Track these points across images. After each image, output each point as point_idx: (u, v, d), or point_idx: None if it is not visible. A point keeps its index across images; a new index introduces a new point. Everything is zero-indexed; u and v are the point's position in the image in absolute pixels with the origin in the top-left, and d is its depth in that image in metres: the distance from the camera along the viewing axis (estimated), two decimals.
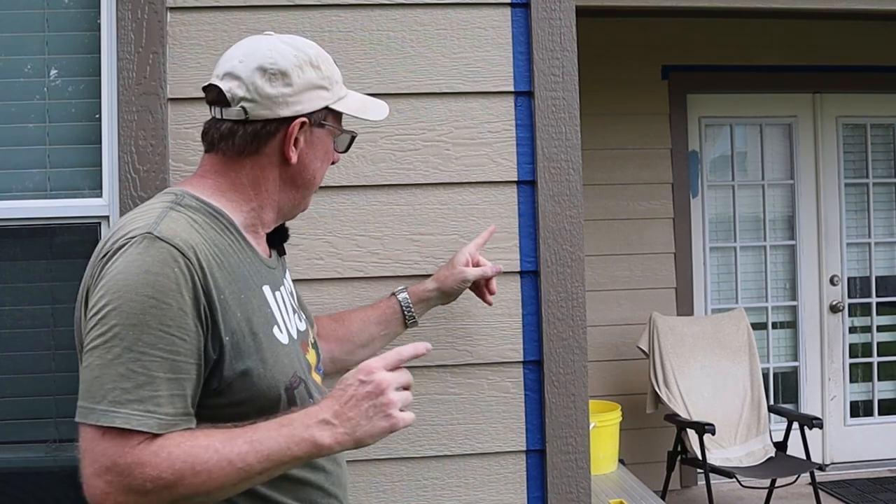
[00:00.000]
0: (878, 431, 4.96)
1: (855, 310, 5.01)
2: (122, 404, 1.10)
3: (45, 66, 1.86)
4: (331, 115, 1.38)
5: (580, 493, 1.87)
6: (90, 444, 1.10)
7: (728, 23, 4.61)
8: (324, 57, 1.37)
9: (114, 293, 1.14)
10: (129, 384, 1.10)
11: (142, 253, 1.16)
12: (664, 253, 4.69)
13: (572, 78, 1.90)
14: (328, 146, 1.40)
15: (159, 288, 1.14)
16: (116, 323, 1.12)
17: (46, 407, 1.89)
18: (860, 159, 5.04)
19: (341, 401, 1.17)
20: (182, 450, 1.11)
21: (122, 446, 1.09)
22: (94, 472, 1.10)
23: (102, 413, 1.10)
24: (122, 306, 1.13)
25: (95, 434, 1.10)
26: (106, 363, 1.11)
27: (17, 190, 1.85)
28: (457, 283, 1.73)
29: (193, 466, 1.10)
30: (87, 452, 1.11)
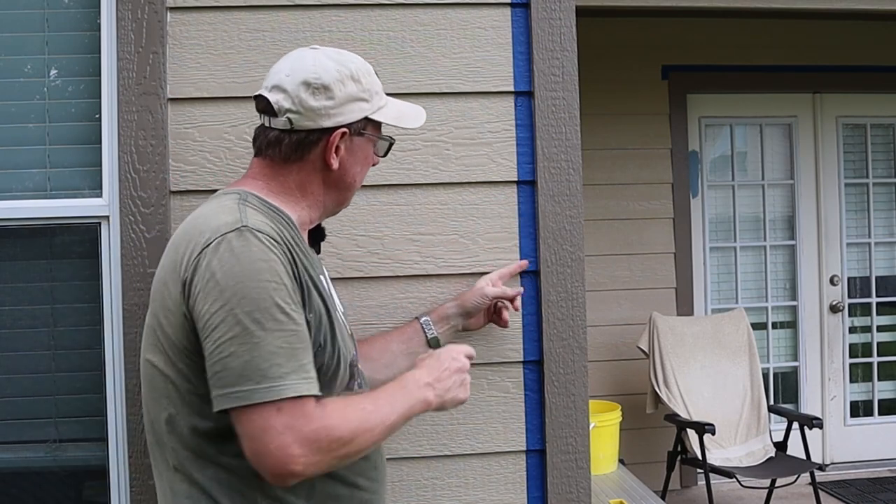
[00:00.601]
0: (878, 431, 4.96)
1: (855, 310, 5.01)
2: (283, 378, 1.21)
3: (45, 66, 1.86)
4: (370, 123, 1.48)
5: (580, 493, 1.87)
6: (267, 421, 1.20)
7: (728, 23, 4.61)
8: (365, 70, 1.46)
9: (234, 284, 1.23)
10: (282, 359, 1.21)
11: (245, 244, 1.26)
12: (664, 253, 4.69)
13: (572, 78, 1.90)
14: (367, 152, 1.51)
15: (272, 272, 1.25)
16: (248, 310, 1.22)
17: (46, 407, 1.89)
18: (860, 159, 5.04)
19: (439, 370, 1.40)
20: (350, 411, 1.27)
21: (302, 414, 1.21)
22: (282, 444, 1.19)
23: (267, 390, 1.20)
24: (248, 294, 1.23)
25: (269, 411, 1.20)
26: (252, 347, 1.21)
27: (17, 190, 1.85)
28: (476, 298, 1.79)
29: (362, 426, 1.26)
30: (266, 429, 1.20)
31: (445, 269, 1.87)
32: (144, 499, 1.76)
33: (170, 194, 1.80)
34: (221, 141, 1.82)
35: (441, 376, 1.39)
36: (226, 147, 1.82)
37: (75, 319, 1.88)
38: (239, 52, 1.83)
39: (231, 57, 1.83)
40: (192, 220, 1.36)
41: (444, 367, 1.40)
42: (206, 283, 1.25)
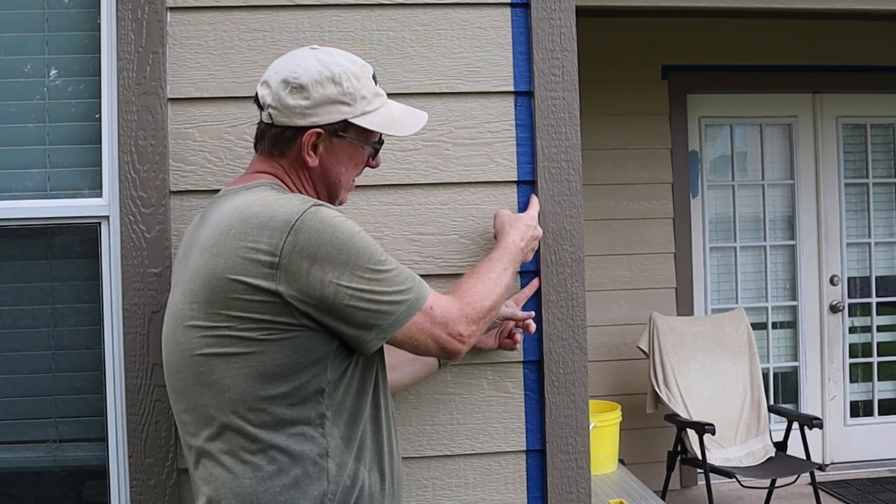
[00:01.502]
0: (878, 431, 4.97)
1: (855, 310, 5.01)
2: (414, 287, 1.43)
3: (45, 66, 1.86)
4: (353, 127, 1.50)
5: (580, 493, 1.87)
6: (430, 319, 1.44)
7: (728, 23, 4.61)
8: (352, 73, 1.48)
9: (344, 248, 1.36)
10: (404, 275, 1.43)
11: (329, 215, 1.38)
12: (664, 253, 4.69)
13: (572, 78, 1.90)
14: (353, 154, 1.53)
15: (355, 226, 1.40)
16: (366, 259, 1.38)
17: (46, 407, 1.89)
18: (860, 159, 5.04)
19: (527, 235, 1.73)
20: (481, 284, 1.54)
21: (444, 303, 1.47)
22: (450, 332, 1.46)
23: (416, 300, 1.43)
24: (361, 249, 1.38)
25: (424, 315, 1.43)
26: (388, 282, 1.40)
27: (17, 190, 1.85)
28: None
29: (494, 290, 1.55)
30: (433, 328, 1.44)
31: (445, 269, 1.87)
32: (144, 499, 1.76)
33: (170, 194, 1.80)
34: (221, 141, 1.82)
35: (529, 241, 1.73)
36: (226, 147, 1.82)
37: (75, 319, 1.88)
38: (239, 52, 1.83)
39: (231, 57, 1.83)
40: (250, 211, 1.37)
41: (532, 235, 1.74)
42: (316, 259, 1.34)
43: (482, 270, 1.58)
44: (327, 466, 1.37)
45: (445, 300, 1.48)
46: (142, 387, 1.77)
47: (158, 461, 1.77)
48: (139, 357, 1.77)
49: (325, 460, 1.37)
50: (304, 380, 1.37)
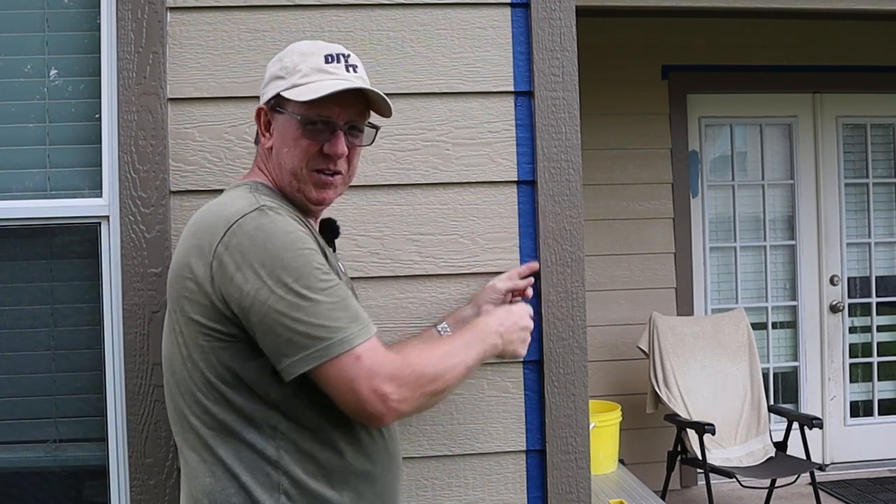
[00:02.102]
0: (878, 431, 4.97)
1: (855, 310, 5.01)
2: (349, 328, 1.28)
3: (45, 66, 1.86)
4: (288, 102, 1.44)
5: (580, 493, 1.87)
6: (351, 369, 1.28)
7: (728, 23, 4.61)
8: (297, 50, 1.48)
9: (272, 258, 1.28)
10: (340, 312, 1.29)
11: (271, 221, 1.31)
12: (664, 253, 4.69)
13: (572, 78, 1.90)
14: (289, 129, 1.46)
15: (304, 239, 1.32)
16: (294, 277, 1.28)
17: (46, 407, 1.89)
18: (860, 159, 5.04)
19: (509, 321, 1.53)
20: (431, 352, 1.38)
21: (379, 355, 1.29)
22: (372, 387, 1.28)
23: (340, 342, 1.27)
24: (289, 264, 1.28)
25: (349, 360, 1.27)
26: (312, 310, 1.27)
27: (17, 190, 1.85)
28: (489, 294, 1.81)
29: (444, 363, 1.36)
30: (353, 378, 1.28)
31: (445, 269, 1.87)
32: (144, 499, 1.76)
33: (170, 194, 1.80)
34: (221, 141, 1.82)
35: (510, 328, 1.53)
36: (226, 147, 1.82)
37: (75, 319, 1.88)
38: (239, 52, 1.83)
39: (231, 57, 1.83)
40: (208, 209, 1.39)
41: (514, 322, 1.54)
42: (242, 264, 1.29)
43: (439, 340, 1.49)
44: (279, 480, 1.33)
45: (383, 354, 1.31)
46: (142, 387, 1.77)
47: (158, 461, 1.77)
48: (139, 357, 1.77)
49: (278, 473, 1.33)
50: (249, 390, 1.33)
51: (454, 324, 1.79)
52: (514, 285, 1.82)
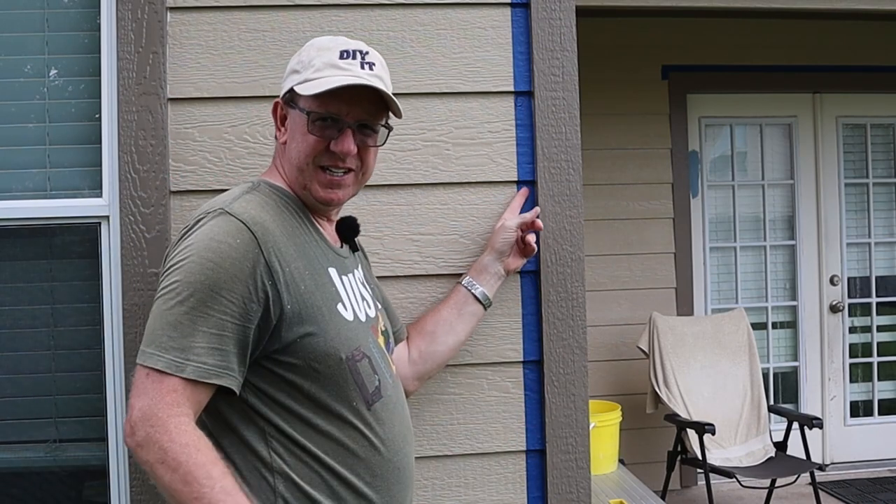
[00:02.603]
0: (878, 431, 4.96)
1: (855, 310, 5.01)
2: (165, 350, 1.25)
3: (45, 66, 1.86)
4: (300, 97, 1.43)
5: (580, 493, 1.87)
6: (138, 380, 1.26)
7: (728, 23, 4.61)
8: (315, 45, 1.47)
9: (182, 255, 1.30)
10: (176, 333, 1.25)
11: (213, 225, 1.32)
12: (664, 253, 4.69)
13: (572, 78, 1.90)
14: (299, 124, 1.44)
15: (220, 254, 1.28)
16: (177, 280, 1.28)
17: (46, 407, 1.89)
18: (860, 159, 5.04)
19: None
20: (189, 449, 1.21)
21: (162, 390, 1.23)
22: (133, 405, 1.24)
23: (149, 355, 1.26)
24: (185, 266, 1.28)
25: (141, 373, 1.26)
26: (161, 313, 1.28)
27: (17, 190, 1.85)
28: (501, 235, 1.81)
29: (180, 465, 1.20)
30: (134, 387, 1.26)
31: (445, 269, 1.87)
32: (144, 499, 1.76)
33: (170, 194, 1.80)
34: (221, 141, 1.82)
35: None
36: (226, 147, 1.82)
37: (75, 319, 1.88)
38: (239, 52, 1.83)
39: (231, 57, 1.83)
40: (203, 205, 1.43)
41: None
42: (173, 251, 1.34)
43: (215, 461, 1.25)
44: (273, 482, 1.33)
45: (156, 398, 1.23)
46: None
47: None
48: None
49: (272, 475, 1.33)
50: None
51: (477, 274, 1.80)
52: (522, 220, 1.81)
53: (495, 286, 1.80)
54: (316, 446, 1.35)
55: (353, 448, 1.38)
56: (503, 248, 1.80)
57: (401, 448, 1.46)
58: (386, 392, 1.45)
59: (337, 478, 1.36)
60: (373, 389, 1.42)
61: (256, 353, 1.32)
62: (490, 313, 1.85)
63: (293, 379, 1.34)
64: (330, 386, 1.36)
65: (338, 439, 1.36)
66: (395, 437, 1.44)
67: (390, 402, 1.46)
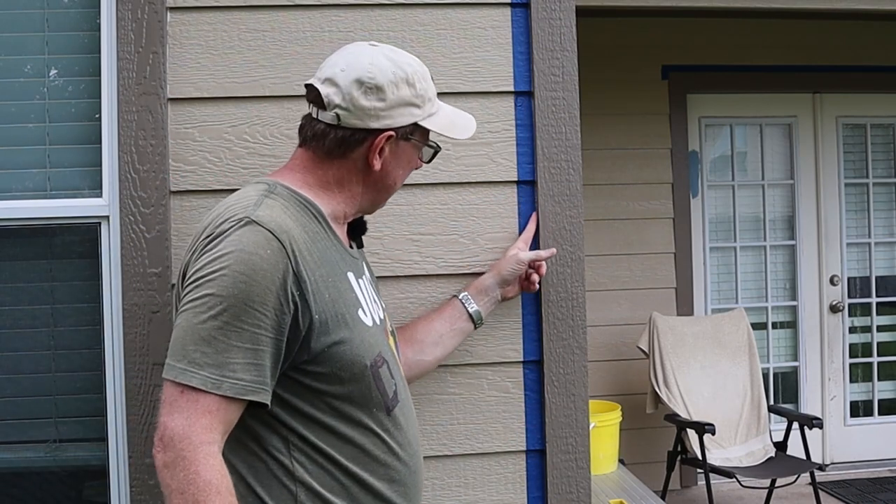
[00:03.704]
0: (878, 431, 4.97)
1: (855, 310, 5.01)
2: (200, 367, 1.22)
3: (45, 66, 1.86)
4: (418, 129, 1.47)
5: (580, 493, 1.87)
6: (171, 396, 1.23)
7: (728, 23, 4.61)
8: (421, 74, 1.46)
9: (211, 267, 1.26)
10: (210, 349, 1.22)
11: (241, 235, 1.27)
12: (664, 253, 4.69)
13: (572, 78, 1.90)
14: (412, 157, 1.50)
15: (251, 266, 1.25)
16: (208, 293, 1.24)
17: (46, 407, 1.89)
18: (860, 159, 5.04)
19: None
20: (210, 489, 1.18)
21: (198, 409, 1.21)
22: (167, 423, 1.21)
23: (181, 371, 1.22)
24: (216, 279, 1.24)
25: (175, 390, 1.22)
26: (191, 326, 1.24)
27: (17, 190, 1.85)
28: (511, 265, 1.80)
29: (198, 502, 1.17)
30: (167, 403, 1.23)
31: (445, 269, 1.87)
32: (144, 499, 1.76)
33: (170, 194, 1.80)
34: (221, 141, 1.82)
35: None
36: (226, 147, 1.82)
37: (75, 319, 1.88)
38: (239, 52, 1.83)
39: (231, 57, 1.83)
40: (217, 208, 1.38)
41: None
42: (198, 262, 1.29)
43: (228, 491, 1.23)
44: (295, 491, 1.33)
45: (191, 419, 1.20)
46: (142, 387, 1.77)
47: None
48: (139, 357, 1.77)
49: (294, 484, 1.33)
50: None
51: (476, 293, 1.79)
52: (536, 256, 1.81)
53: (490, 309, 1.81)
54: (338, 452, 1.34)
55: (376, 454, 1.38)
56: (509, 277, 1.80)
57: (416, 451, 1.47)
58: (402, 396, 1.46)
59: (358, 483, 1.36)
60: (392, 394, 1.42)
61: (286, 364, 1.30)
62: (490, 313, 1.85)
63: (318, 387, 1.33)
64: (354, 393, 1.36)
65: (360, 445, 1.36)
66: (410, 440, 1.45)
67: (405, 405, 1.46)
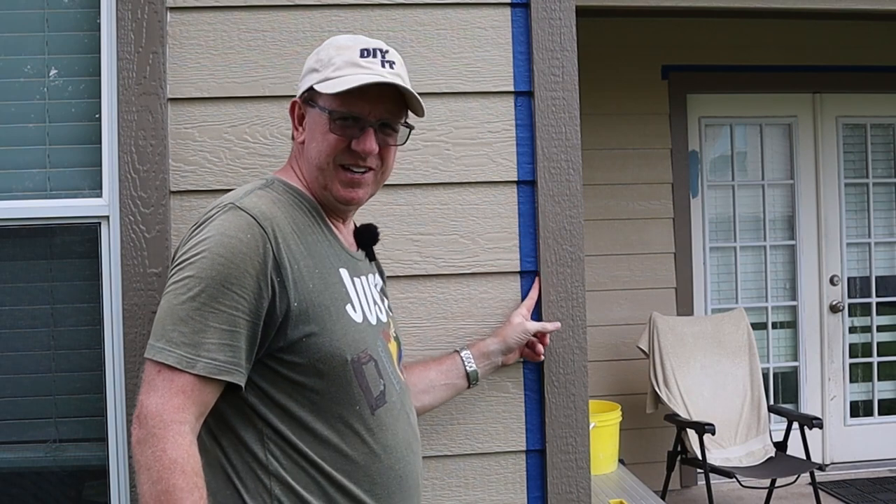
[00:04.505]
0: (878, 431, 4.97)
1: (855, 310, 5.01)
2: (176, 346, 1.25)
3: (45, 66, 1.86)
4: (320, 95, 1.42)
5: (580, 493, 1.87)
6: (148, 375, 1.26)
7: (728, 23, 4.61)
8: (334, 44, 1.45)
9: (193, 251, 1.29)
10: (187, 329, 1.25)
11: (223, 220, 1.31)
12: (664, 253, 4.69)
13: (572, 78, 1.90)
14: (319, 123, 1.43)
15: (230, 249, 1.28)
16: (188, 275, 1.27)
17: (46, 407, 1.89)
18: (860, 159, 5.04)
19: None
20: (175, 468, 1.19)
21: (174, 388, 1.23)
22: (143, 401, 1.24)
23: (159, 350, 1.25)
24: (196, 262, 1.28)
25: (153, 369, 1.25)
26: (171, 307, 1.27)
27: (17, 190, 1.85)
28: (518, 335, 1.81)
29: (160, 480, 1.19)
30: (144, 382, 1.26)
31: (445, 269, 1.87)
32: None
33: (170, 194, 1.80)
34: (221, 141, 1.82)
35: None
36: (226, 147, 1.82)
37: (75, 319, 1.88)
38: (239, 52, 1.83)
39: (231, 57, 1.83)
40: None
41: None
42: (183, 247, 1.33)
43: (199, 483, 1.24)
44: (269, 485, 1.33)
45: (165, 397, 1.23)
46: None
47: None
48: (139, 357, 1.77)
49: (268, 478, 1.33)
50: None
51: (478, 355, 1.79)
52: (542, 327, 1.82)
53: (488, 372, 1.82)
54: (313, 452, 1.34)
55: (352, 455, 1.36)
56: (514, 346, 1.81)
57: (404, 455, 1.44)
58: (391, 398, 1.44)
59: (334, 485, 1.35)
60: (377, 394, 1.40)
61: (262, 350, 1.32)
62: (490, 313, 1.85)
63: (296, 378, 1.33)
64: (333, 387, 1.35)
65: (336, 446, 1.35)
66: (398, 444, 1.42)
67: (395, 408, 1.44)
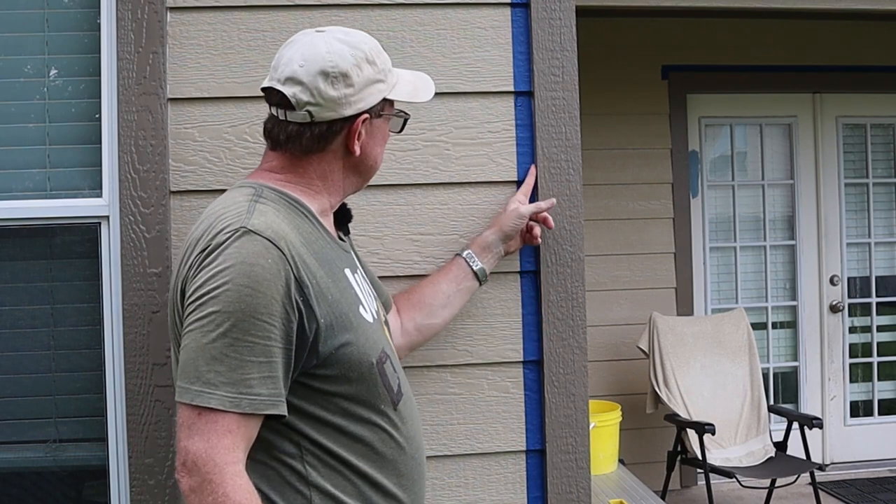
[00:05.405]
0: (878, 431, 4.97)
1: (855, 310, 5.01)
2: (216, 387, 1.19)
3: (45, 66, 1.86)
4: (387, 103, 1.47)
5: (580, 493, 1.87)
6: (188, 419, 1.20)
7: (728, 23, 4.61)
8: (376, 49, 1.44)
9: (213, 283, 1.23)
10: (223, 367, 1.20)
11: (239, 246, 1.24)
12: (664, 253, 4.69)
13: (572, 78, 1.90)
14: (385, 132, 1.50)
15: (254, 278, 1.22)
16: (214, 310, 1.21)
17: (46, 407, 1.89)
18: (860, 159, 5.04)
19: None
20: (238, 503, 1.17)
21: (217, 430, 1.18)
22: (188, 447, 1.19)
23: (197, 393, 1.19)
24: (220, 295, 1.21)
25: (192, 412, 1.20)
26: (201, 346, 1.21)
27: (17, 190, 1.85)
28: (512, 220, 1.79)
29: None
30: (185, 427, 1.20)
31: None
32: (144, 499, 1.76)
33: (170, 194, 1.80)
34: (221, 141, 1.82)
35: None
36: (226, 147, 1.82)
37: (75, 319, 1.88)
38: (239, 52, 1.83)
39: (231, 57, 1.83)
40: (206, 217, 1.34)
41: None
42: (198, 279, 1.25)
43: None
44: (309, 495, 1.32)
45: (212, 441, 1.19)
46: (142, 387, 1.77)
47: (158, 461, 1.77)
48: (139, 357, 1.77)
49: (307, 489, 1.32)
50: None
51: (479, 251, 1.78)
52: (536, 208, 1.80)
53: (494, 265, 1.81)
54: (348, 452, 1.34)
55: (383, 450, 1.37)
56: (511, 232, 1.79)
57: (420, 444, 1.47)
58: (405, 389, 1.46)
59: (368, 482, 1.35)
60: (396, 389, 1.42)
61: (297, 371, 1.28)
62: (490, 313, 1.85)
63: (328, 389, 1.32)
64: (362, 391, 1.35)
65: (369, 443, 1.36)
66: (415, 433, 1.45)
67: (408, 399, 1.46)
